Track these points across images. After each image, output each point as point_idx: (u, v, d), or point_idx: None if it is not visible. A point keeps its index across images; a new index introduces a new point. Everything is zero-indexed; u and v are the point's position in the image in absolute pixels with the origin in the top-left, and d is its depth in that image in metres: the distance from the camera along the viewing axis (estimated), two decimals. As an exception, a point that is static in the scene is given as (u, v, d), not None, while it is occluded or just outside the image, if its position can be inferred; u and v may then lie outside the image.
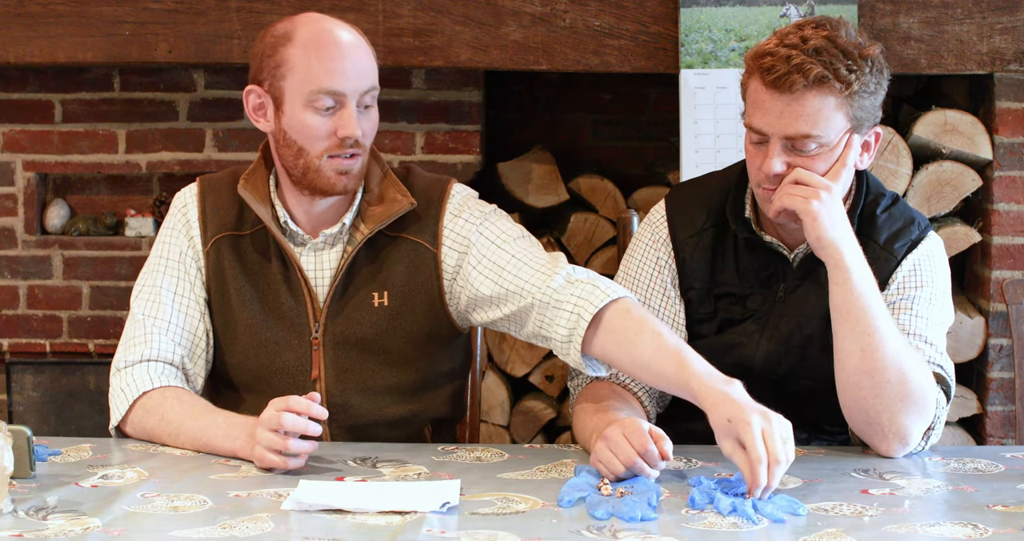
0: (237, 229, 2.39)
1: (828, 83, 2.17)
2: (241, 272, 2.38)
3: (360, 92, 2.27)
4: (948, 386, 2.26)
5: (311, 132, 2.27)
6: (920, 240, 2.34)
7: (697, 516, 1.89)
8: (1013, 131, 3.53)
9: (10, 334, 3.85)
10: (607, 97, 4.23)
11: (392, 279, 2.36)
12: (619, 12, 3.51)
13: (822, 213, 2.17)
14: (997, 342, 3.55)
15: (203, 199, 2.43)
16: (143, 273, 2.44)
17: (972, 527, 1.84)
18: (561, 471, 2.13)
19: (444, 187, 2.41)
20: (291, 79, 2.27)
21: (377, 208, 2.36)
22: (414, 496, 1.95)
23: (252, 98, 2.34)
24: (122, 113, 3.82)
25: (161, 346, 2.35)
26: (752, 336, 2.34)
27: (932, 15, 3.46)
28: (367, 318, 2.35)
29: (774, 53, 2.19)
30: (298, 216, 2.37)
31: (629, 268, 2.43)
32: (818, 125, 2.19)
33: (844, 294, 2.18)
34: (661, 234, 2.41)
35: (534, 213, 3.90)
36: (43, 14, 3.57)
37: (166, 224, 2.46)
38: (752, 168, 2.27)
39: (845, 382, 2.19)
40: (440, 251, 2.36)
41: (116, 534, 1.81)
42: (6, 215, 3.85)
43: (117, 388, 2.34)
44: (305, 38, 2.27)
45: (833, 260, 2.19)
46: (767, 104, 2.20)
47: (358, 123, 2.27)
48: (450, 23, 3.51)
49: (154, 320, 2.37)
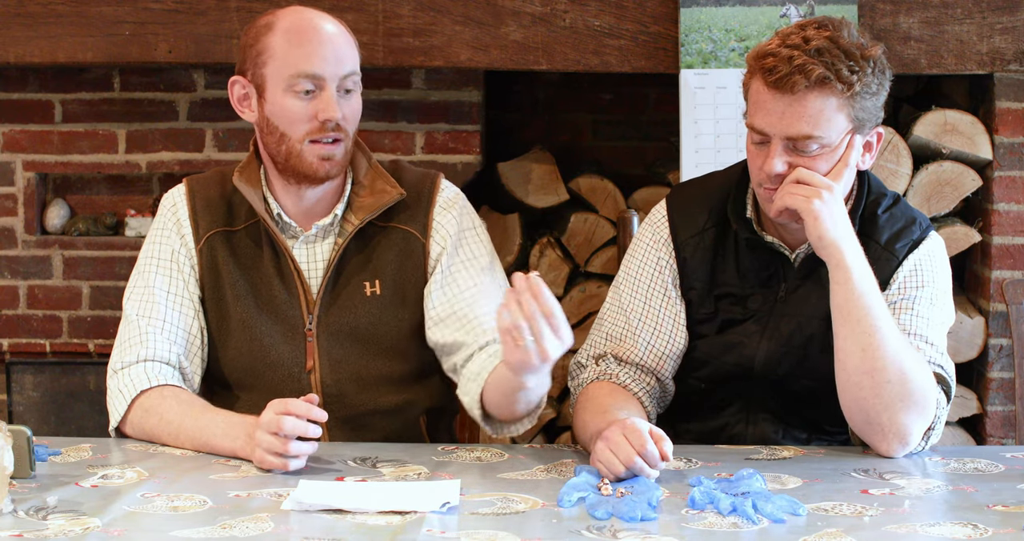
0: (229, 225, 2.41)
1: (830, 84, 2.17)
2: (235, 267, 2.40)
3: (339, 76, 2.31)
4: (948, 386, 2.26)
5: (292, 116, 2.30)
6: (921, 240, 2.34)
7: (697, 516, 1.89)
8: (1013, 131, 3.53)
9: (10, 334, 3.85)
10: (607, 97, 4.23)
11: (384, 268, 2.39)
12: (619, 12, 3.51)
13: (823, 212, 2.17)
14: (997, 342, 3.55)
15: (192, 198, 2.44)
16: (134, 274, 2.45)
17: (972, 527, 1.84)
18: (561, 471, 2.13)
19: (434, 180, 2.45)
20: (271, 65, 2.31)
21: (367, 199, 2.39)
22: (414, 496, 1.95)
23: (237, 89, 2.38)
24: (122, 113, 3.82)
25: (157, 346, 2.35)
26: (753, 336, 2.34)
27: (932, 15, 3.46)
28: (360, 307, 2.38)
29: (776, 53, 2.19)
30: (289, 208, 2.39)
31: (630, 268, 2.43)
32: (820, 126, 2.19)
33: (845, 294, 2.18)
34: (662, 234, 2.41)
35: (534, 213, 3.90)
36: (43, 14, 3.57)
37: (155, 225, 2.47)
38: (753, 168, 2.27)
39: (846, 382, 2.19)
40: (428, 241, 2.40)
41: (116, 534, 1.81)
42: (6, 215, 3.84)
43: (115, 389, 2.34)
44: (286, 26, 2.32)
45: (834, 260, 2.18)
46: (769, 104, 2.20)
47: (338, 106, 2.30)
48: (450, 23, 3.51)
49: (149, 320, 2.37)
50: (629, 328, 2.37)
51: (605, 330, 2.40)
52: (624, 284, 2.41)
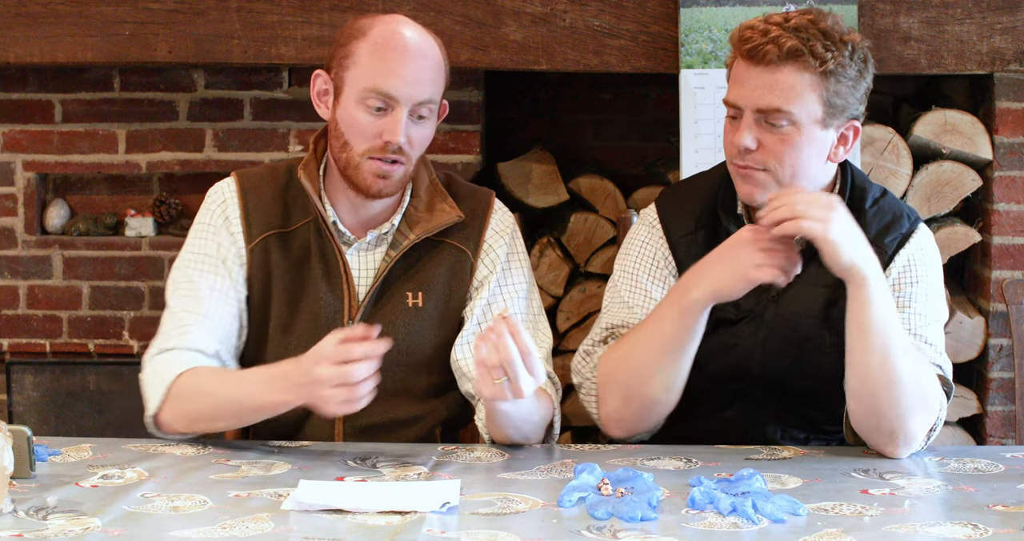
0: (283, 226, 2.38)
1: (803, 58, 2.18)
2: (286, 269, 2.37)
3: (414, 101, 2.27)
4: (949, 386, 2.27)
5: (358, 129, 2.28)
6: (911, 233, 2.33)
7: (697, 516, 1.89)
8: (1013, 131, 3.53)
9: (10, 334, 3.85)
10: (607, 97, 4.23)
11: (431, 281, 2.38)
12: (619, 12, 3.51)
13: (843, 239, 2.13)
14: (997, 342, 3.55)
15: (244, 196, 2.40)
16: (177, 268, 2.40)
17: (972, 527, 1.84)
18: (561, 471, 2.13)
19: (488, 199, 2.45)
20: (352, 72, 2.28)
21: (425, 215, 2.37)
22: (414, 496, 1.95)
23: (319, 82, 2.35)
24: (122, 113, 3.82)
25: (197, 338, 2.31)
26: (748, 338, 2.34)
27: (932, 15, 3.46)
28: (400, 318, 2.36)
29: (754, 27, 2.23)
30: (344, 214, 2.37)
31: (626, 266, 2.42)
32: (790, 100, 2.19)
33: (867, 312, 2.15)
34: (656, 232, 2.41)
35: (534, 213, 3.90)
36: (43, 14, 3.57)
37: (202, 219, 2.41)
38: (726, 143, 2.28)
39: (860, 392, 2.18)
40: (477, 262, 2.39)
41: (116, 534, 1.81)
42: (6, 215, 3.85)
43: (151, 373, 2.28)
44: (376, 36, 2.28)
45: (856, 280, 2.15)
46: (742, 76, 2.23)
47: (405, 130, 2.26)
48: (450, 23, 3.51)
49: (192, 314, 2.33)
50: (631, 314, 2.36)
51: (605, 320, 2.39)
52: (622, 282, 2.41)
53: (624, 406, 2.29)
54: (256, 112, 3.79)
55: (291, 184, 2.40)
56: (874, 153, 3.51)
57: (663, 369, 2.25)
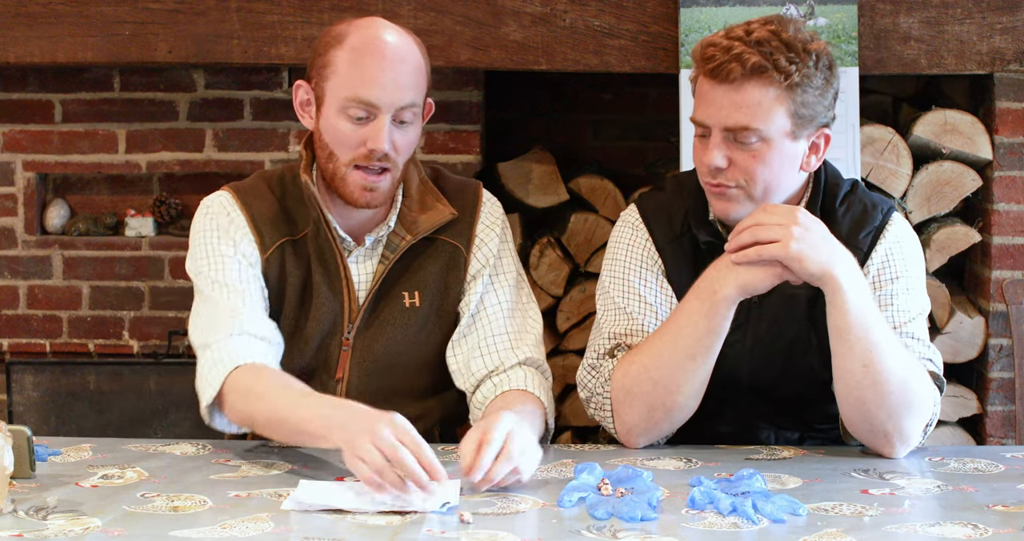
0: (292, 233, 2.37)
1: (767, 74, 2.15)
2: (298, 277, 2.36)
3: (396, 107, 2.25)
4: (941, 380, 2.26)
5: (342, 138, 2.26)
6: (884, 226, 2.31)
7: (697, 516, 1.89)
8: (1013, 131, 3.53)
9: (10, 334, 3.85)
10: (607, 97, 4.23)
11: (427, 280, 2.38)
12: (619, 12, 3.51)
13: (804, 251, 2.10)
14: (997, 342, 3.55)
15: (248, 207, 2.37)
16: (200, 274, 2.34)
17: (972, 527, 1.84)
18: (561, 471, 2.13)
19: (476, 191, 2.45)
20: (332, 81, 2.26)
21: (419, 215, 2.37)
22: (414, 496, 1.95)
23: (300, 93, 2.34)
24: (122, 113, 3.82)
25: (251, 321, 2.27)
26: (734, 345, 2.29)
27: (932, 15, 3.46)
28: (398, 319, 2.37)
29: (716, 44, 2.19)
30: (338, 219, 2.36)
31: (615, 270, 2.38)
32: (757, 117, 2.16)
33: (845, 317, 2.13)
34: (642, 234, 2.38)
35: (534, 213, 3.90)
36: (43, 14, 3.57)
37: (206, 227, 2.36)
38: (696, 162, 2.26)
39: (847, 396, 2.18)
40: (470, 256, 2.40)
41: (116, 534, 1.81)
42: (6, 215, 3.85)
43: (211, 361, 2.22)
44: (354, 43, 2.26)
45: (830, 287, 2.13)
46: (708, 95, 2.19)
47: (389, 137, 2.25)
48: (450, 23, 3.51)
49: (238, 296, 2.29)
50: (632, 322, 2.33)
51: (607, 330, 2.35)
52: (613, 287, 2.37)
53: (648, 417, 2.25)
54: (256, 112, 3.79)
55: (287, 192, 2.40)
56: (874, 153, 3.51)
57: (690, 375, 2.22)
